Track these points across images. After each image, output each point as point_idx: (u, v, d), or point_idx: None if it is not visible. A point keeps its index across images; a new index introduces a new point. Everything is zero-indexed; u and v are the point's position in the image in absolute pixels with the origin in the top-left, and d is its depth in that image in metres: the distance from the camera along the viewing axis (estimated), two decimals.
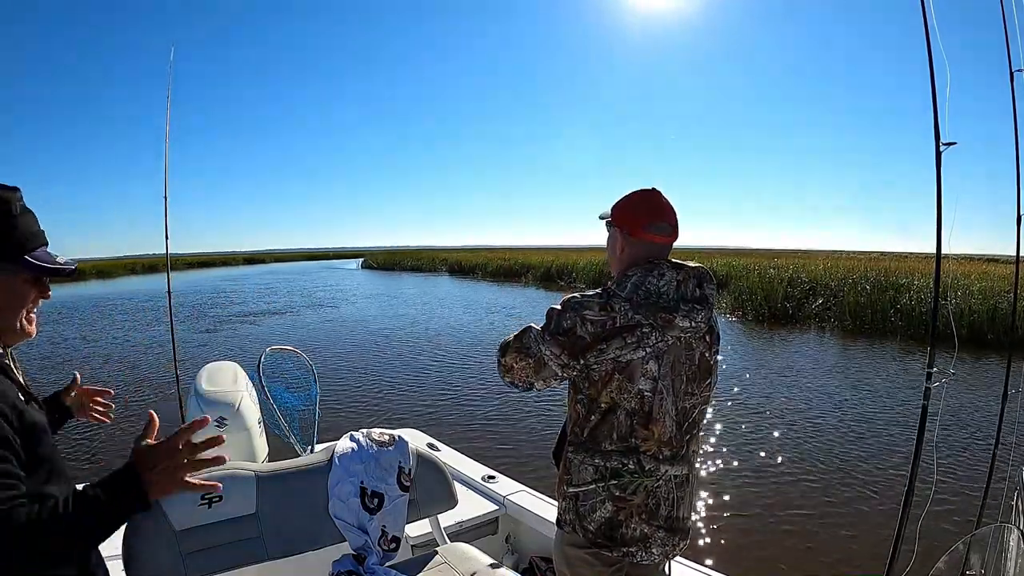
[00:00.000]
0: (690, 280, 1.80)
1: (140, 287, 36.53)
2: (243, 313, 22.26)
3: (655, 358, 1.72)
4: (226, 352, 13.42)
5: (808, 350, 13.99)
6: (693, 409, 1.82)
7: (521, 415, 8.05)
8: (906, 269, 20.89)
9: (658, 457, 1.76)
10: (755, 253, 51.50)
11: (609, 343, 1.70)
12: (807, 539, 4.89)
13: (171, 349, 4.95)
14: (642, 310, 1.71)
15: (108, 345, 15.08)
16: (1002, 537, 1.50)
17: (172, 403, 4.70)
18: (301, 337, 15.58)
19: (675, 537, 1.83)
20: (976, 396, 8.84)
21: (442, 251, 67.43)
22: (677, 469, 1.80)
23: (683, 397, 1.78)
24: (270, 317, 20.99)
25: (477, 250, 67.25)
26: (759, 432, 7.48)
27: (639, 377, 1.71)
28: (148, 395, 9.51)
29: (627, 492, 1.76)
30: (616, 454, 1.75)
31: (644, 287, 1.75)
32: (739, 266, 24.98)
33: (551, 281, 33.46)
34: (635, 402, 1.72)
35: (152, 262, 62.12)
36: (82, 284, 41.71)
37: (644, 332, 1.70)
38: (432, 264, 49.66)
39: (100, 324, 19.53)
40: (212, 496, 1.76)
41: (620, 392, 1.72)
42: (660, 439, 1.75)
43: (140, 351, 14.01)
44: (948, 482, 5.56)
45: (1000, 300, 14.47)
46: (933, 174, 2.64)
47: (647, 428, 1.74)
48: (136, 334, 16.93)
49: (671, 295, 1.75)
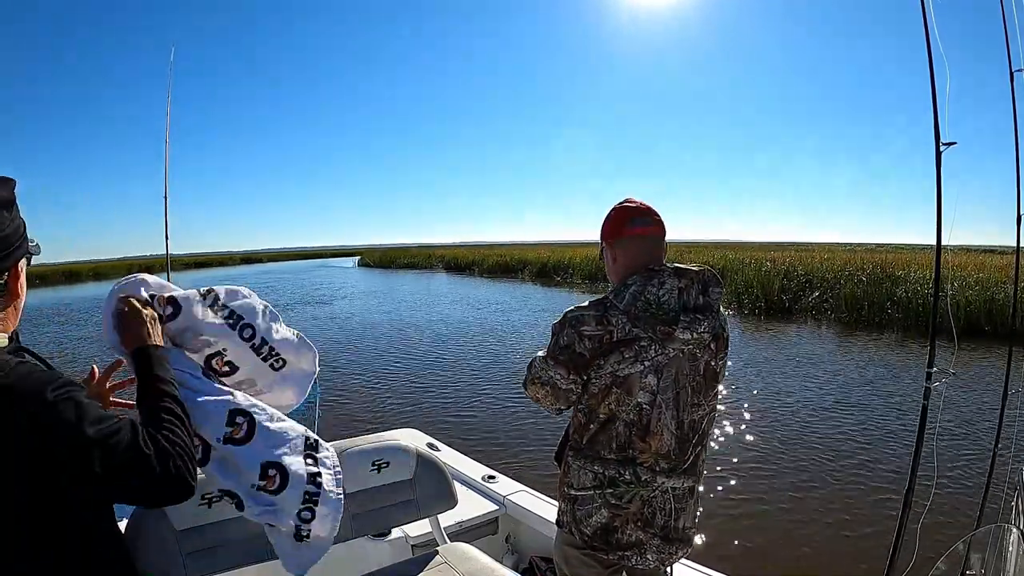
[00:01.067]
0: (693, 286, 1.78)
1: None
2: None
3: (654, 371, 1.70)
4: None
5: (805, 344, 14.00)
6: (701, 420, 1.81)
7: (521, 415, 8.04)
8: (902, 261, 20.92)
9: (655, 469, 1.74)
10: (751, 246, 51.56)
11: (607, 358, 1.70)
12: (807, 539, 4.89)
13: None
14: (640, 323, 1.69)
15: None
16: (1002, 537, 1.51)
17: None
18: None
19: (672, 546, 1.83)
20: (972, 395, 8.80)
21: (438, 248, 67.53)
22: (677, 481, 1.78)
23: (688, 409, 1.76)
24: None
25: (473, 247, 67.32)
26: (755, 429, 7.47)
27: (637, 391, 1.70)
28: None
29: (623, 501, 1.76)
30: (614, 463, 1.74)
31: (644, 297, 1.72)
32: (735, 259, 24.84)
33: (547, 277, 33.45)
34: (633, 414, 1.71)
35: (148, 263, 62.01)
36: (79, 285, 41.76)
37: (643, 346, 1.69)
38: (428, 261, 49.69)
39: (97, 324, 19.36)
40: (212, 496, 1.75)
41: (618, 404, 1.72)
42: (658, 452, 1.74)
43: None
44: (948, 482, 5.55)
45: (997, 291, 14.45)
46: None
47: (644, 441, 1.73)
48: None
49: (672, 305, 1.72)
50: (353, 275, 45.42)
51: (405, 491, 2.18)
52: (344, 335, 16.11)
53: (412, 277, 39.87)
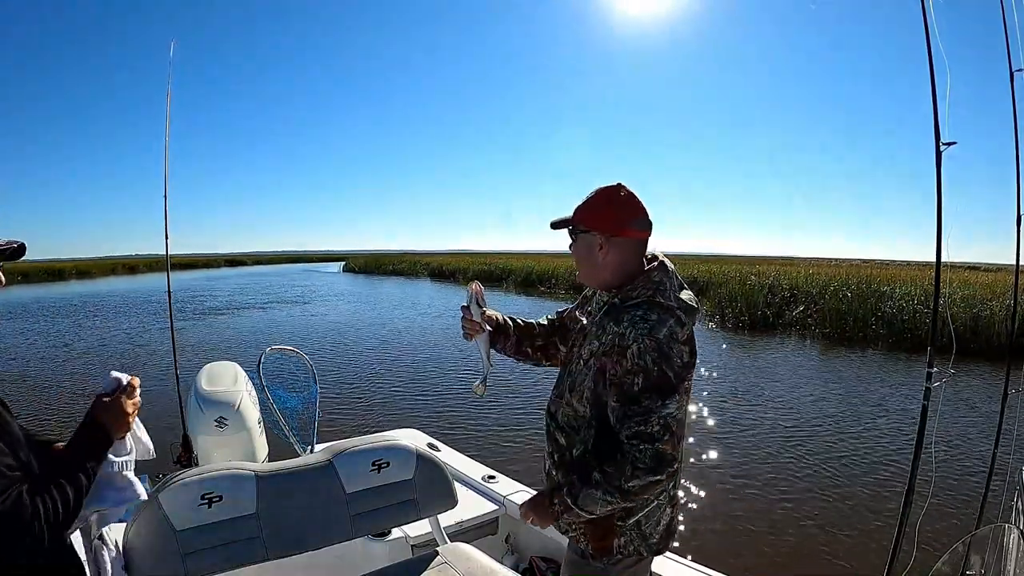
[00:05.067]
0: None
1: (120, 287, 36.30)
2: (241, 310, 22.33)
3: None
4: (224, 351, 13.45)
5: (791, 357, 14.08)
6: None
7: (521, 415, 8.05)
8: (887, 277, 21.03)
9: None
10: (735, 260, 51.70)
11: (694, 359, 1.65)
12: (806, 540, 4.93)
13: (171, 349, 4.92)
14: (688, 316, 1.66)
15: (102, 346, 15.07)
16: (1002, 537, 1.52)
17: (173, 401, 4.68)
18: (300, 338, 15.58)
19: None
20: (958, 410, 8.91)
21: (423, 255, 67.39)
22: None
23: None
24: (264, 315, 21.27)
25: (458, 255, 67.20)
26: (753, 435, 7.52)
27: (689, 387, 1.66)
28: (149, 394, 9.39)
29: (676, 489, 1.78)
30: None
31: (679, 289, 1.69)
32: (719, 272, 24.67)
33: (531, 287, 33.47)
34: (682, 413, 1.62)
35: (132, 262, 61.56)
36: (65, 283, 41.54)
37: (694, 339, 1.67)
38: (413, 268, 49.52)
39: (93, 324, 19.47)
40: (212, 496, 1.77)
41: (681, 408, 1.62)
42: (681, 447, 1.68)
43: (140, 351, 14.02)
44: (948, 482, 5.62)
45: (982, 308, 14.56)
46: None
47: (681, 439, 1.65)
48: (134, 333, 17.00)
49: (692, 297, 1.72)
50: (339, 281, 45.15)
51: (405, 491, 2.18)
52: (344, 335, 16.12)
53: (398, 284, 39.80)
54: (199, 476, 1.81)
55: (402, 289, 34.32)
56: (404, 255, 69.76)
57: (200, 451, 3.59)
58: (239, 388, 3.69)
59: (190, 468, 1.86)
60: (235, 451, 3.49)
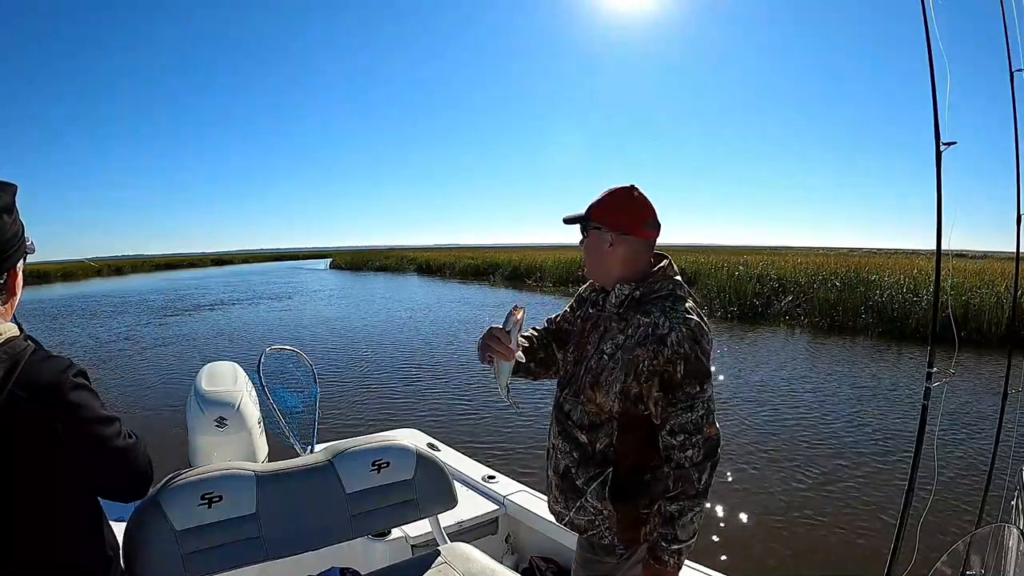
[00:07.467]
0: None
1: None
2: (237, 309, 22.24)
3: None
4: (224, 351, 13.29)
5: (784, 348, 14.11)
6: None
7: (522, 414, 7.99)
8: (876, 265, 21.09)
9: None
10: (723, 250, 51.80)
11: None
12: (806, 540, 4.92)
13: (171, 348, 4.89)
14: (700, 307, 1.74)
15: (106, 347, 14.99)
16: (1002, 537, 1.53)
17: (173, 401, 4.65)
18: (298, 337, 15.52)
19: None
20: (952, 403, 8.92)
21: (410, 250, 67.16)
22: None
23: None
24: (258, 314, 21.28)
25: (445, 249, 67.17)
26: (748, 433, 7.48)
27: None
28: (149, 394, 9.49)
29: None
30: None
31: (687, 284, 1.76)
32: (707, 263, 24.64)
33: (519, 280, 33.39)
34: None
35: (119, 263, 61.13)
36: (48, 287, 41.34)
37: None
38: (400, 264, 49.43)
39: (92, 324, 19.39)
40: (212, 496, 1.78)
41: None
42: None
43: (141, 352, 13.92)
44: (948, 482, 5.60)
45: (972, 296, 14.52)
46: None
47: None
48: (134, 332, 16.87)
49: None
50: (327, 278, 44.94)
51: (405, 491, 2.19)
52: (341, 334, 16.09)
53: (384, 280, 39.68)
54: (199, 476, 1.82)
55: (389, 285, 34.32)
56: (391, 251, 69.60)
57: (200, 451, 3.58)
58: (239, 388, 3.69)
59: (190, 468, 1.87)
60: (235, 451, 3.48)
